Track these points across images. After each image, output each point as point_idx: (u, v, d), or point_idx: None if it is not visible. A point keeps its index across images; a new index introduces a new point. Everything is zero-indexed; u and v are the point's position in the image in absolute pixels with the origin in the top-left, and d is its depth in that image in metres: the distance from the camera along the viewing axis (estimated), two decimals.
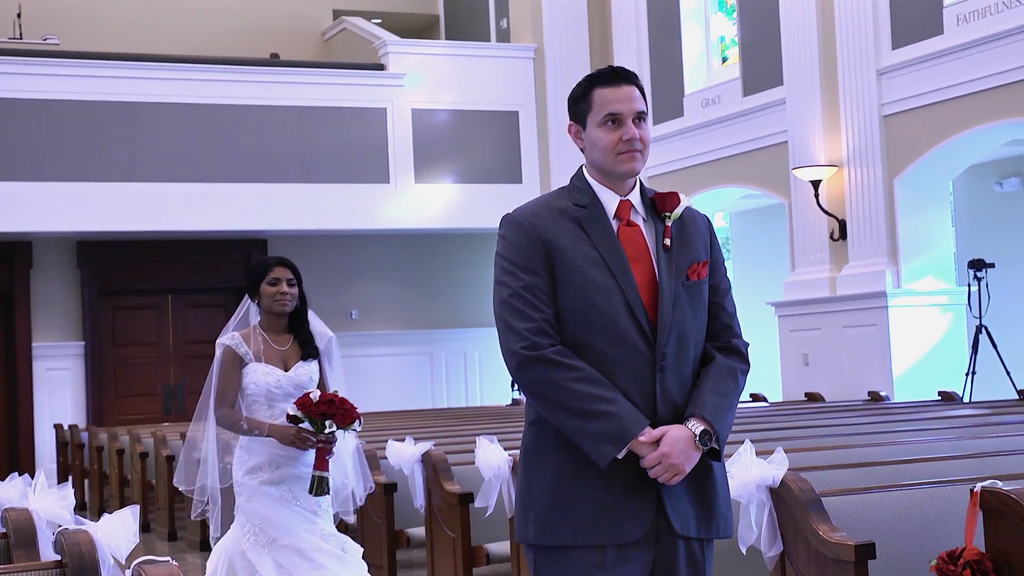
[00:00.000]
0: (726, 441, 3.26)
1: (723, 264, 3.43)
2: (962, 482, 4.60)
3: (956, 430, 7.41)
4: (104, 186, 14.12)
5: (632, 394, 3.18)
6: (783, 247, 13.57)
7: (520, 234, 3.25)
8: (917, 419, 8.41)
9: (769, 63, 13.39)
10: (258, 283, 5.69)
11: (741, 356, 3.35)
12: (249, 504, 5.52)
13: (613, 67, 3.31)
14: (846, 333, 12.18)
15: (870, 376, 11.81)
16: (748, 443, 4.58)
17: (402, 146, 15.26)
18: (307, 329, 5.75)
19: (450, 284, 17.00)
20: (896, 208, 11.88)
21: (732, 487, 4.38)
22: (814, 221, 12.59)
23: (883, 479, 5.09)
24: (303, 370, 5.64)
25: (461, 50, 16.19)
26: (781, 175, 13.17)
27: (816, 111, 12.59)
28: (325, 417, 5.40)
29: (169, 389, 16.15)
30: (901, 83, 11.83)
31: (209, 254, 16.01)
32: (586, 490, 3.17)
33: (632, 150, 3.25)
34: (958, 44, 11.27)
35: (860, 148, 12.13)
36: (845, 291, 12.19)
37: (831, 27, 12.49)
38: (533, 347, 3.16)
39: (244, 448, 5.61)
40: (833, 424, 8.26)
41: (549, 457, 3.23)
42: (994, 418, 8.23)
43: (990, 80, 11.02)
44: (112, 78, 14.31)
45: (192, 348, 16.21)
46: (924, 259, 11.92)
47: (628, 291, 3.21)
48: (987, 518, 3.84)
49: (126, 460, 11.94)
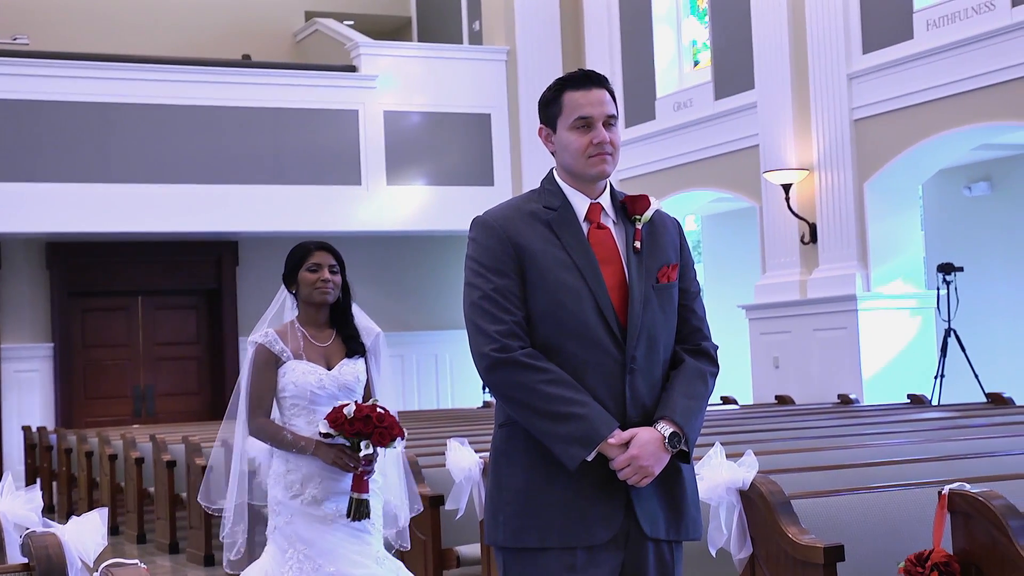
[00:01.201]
0: (695, 443, 3.26)
1: (693, 267, 3.44)
2: (930, 485, 4.62)
3: (925, 433, 7.45)
4: (74, 187, 14.03)
5: (602, 396, 3.19)
6: (754, 250, 13.60)
7: (491, 237, 3.26)
8: (886, 422, 8.44)
9: (740, 67, 13.42)
10: (296, 270, 4.99)
11: (711, 359, 3.36)
12: (290, 527, 4.84)
13: (584, 70, 3.32)
14: (816, 336, 12.22)
15: (840, 379, 11.85)
16: (718, 445, 4.59)
17: (374, 148, 15.24)
18: (351, 323, 5.06)
19: (422, 286, 16.99)
20: (866, 212, 11.93)
21: (702, 489, 4.38)
22: (785, 224, 12.63)
23: (852, 482, 5.11)
24: (349, 369, 4.97)
25: (433, 52, 16.17)
26: (752, 178, 13.21)
27: (787, 115, 12.63)
28: (361, 437, 4.71)
29: (139, 391, 16.07)
30: (871, 87, 11.89)
31: (180, 256, 15.94)
32: (556, 492, 3.18)
33: (602, 153, 3.26)
34: (928, 49, 11.33)
35: (831, 152, 12.17)
36: (815, 294, 12.23)
37: (802, 32, 12.53)
38: (503, 349, 3.17)
39: (283, 460, 4.89)
40: (803, 427, 8.28)
41: (519, 459, 3.23)
42: (962, 421, 8.27)
43: (960, 85, 11.08)
44: (83, 78, 14.24)
45: (162, 350, 16.15)
46: (894, 263, 11.97)
47: (598, 294, 3.22)
48: (955, 520, 3.86)
49: (95, 462, 11.89)
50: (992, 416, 8.59)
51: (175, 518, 10.03)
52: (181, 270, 16.02)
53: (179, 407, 16.11)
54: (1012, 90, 10.71)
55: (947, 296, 11.53)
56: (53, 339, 15.53)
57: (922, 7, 11.50)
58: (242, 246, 16.12)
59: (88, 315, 15.90)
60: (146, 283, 15.99)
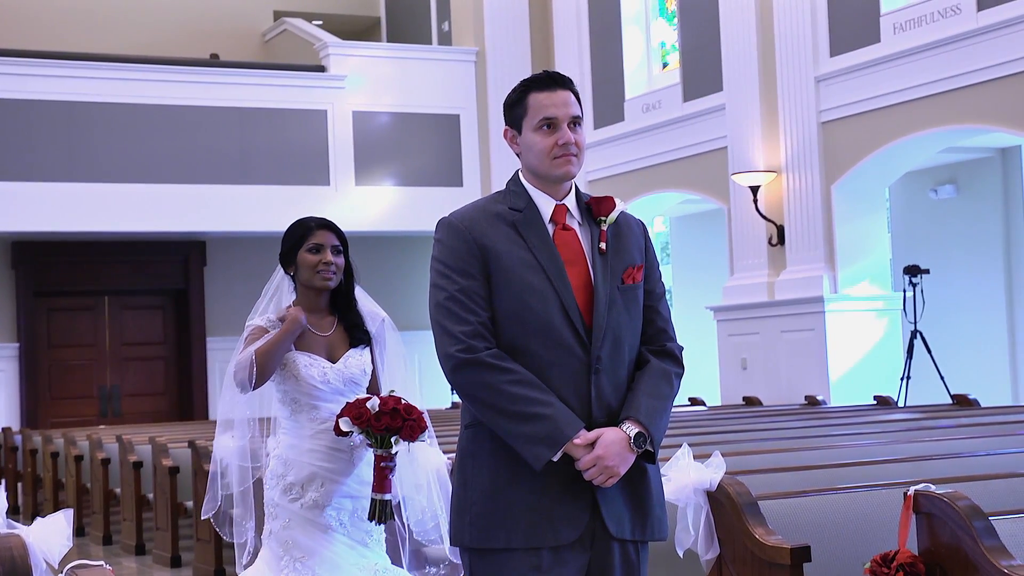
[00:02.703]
0: (660, 444, 3.27)
1: (658, 269, 3.45)
2: (896, 485, 4.64)
3: (891, 434, 7.48)
4: (40, 186, 13.94)
5: (567, 397, 3.20)
6: (722, 252, 13.64)
7: (456, 238, 3.26)
8: (853, 423, 8.48)
9: (709, 69, 13.46)
10: (294, 251, 4.59)
11: (676, 359, 3.37)
12: (287, 531, 4.49)
13: (548, 72, 3.34)
14: (784, 338, 12.26)
15: (807, 380, 11.90)
16: (686, 447, 4.60)
17: (342, 148, 15.20)
18: (355, 310, 4.66)
19: (390, 287, 16.93)
20: (833, 214, 11.98)
21: (669, 490, 4.40)
22: (753, 226, 12.67)
23: (819, 483, 5.13)
24: (355, 360, 4.58)
25: (402, 52, 16.15)
26: (720, 180, 13.25)
27: (755, 117, 12.67)
28: (391, 432, 4.31)
29: (105, 391, 15.98)
30: (839, 90, 11.94)
31: (147, 255, 15.86)
32: (521, 493, 3.18)
33: (567, 154, 3.27)
34: (895, 52, 11.38)
35: (798, 154, 12.22)
36: (783, 296, 12.27)
37: (770, 34, 12.58)
38: (468, 350, 3.17)
39: (281, 460, 4.54)
40: (770, 428, 8.30)
41: (485, 460, 3.23)
42: (928, 422, 8.32)
43: (926, 88, 11.14)
44: (49, 77, 14.15)
45: (129, 350, 16.07)
46: (860, 264, 12.02)
47: (563, 295, 3.23)
48: (920, 521, 3.88)
49: (60, 463, 11.81)
50: (957, 417, 8.64)
51: (142, 519, 9.98)
52: (148, 270, 15.95)
53: (146, 408, 16.03)
54: (978, 94, 10.78)
55: (913, 298, 11.59)
56: (19, 339, 15.43)
57: (889, 10, 11.56)
58: (210, 246, 16.06)
59: (54, 315, 15.81)
60: (113, 283, 15.90)
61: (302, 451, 4.50)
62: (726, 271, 13.32)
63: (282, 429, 4.62)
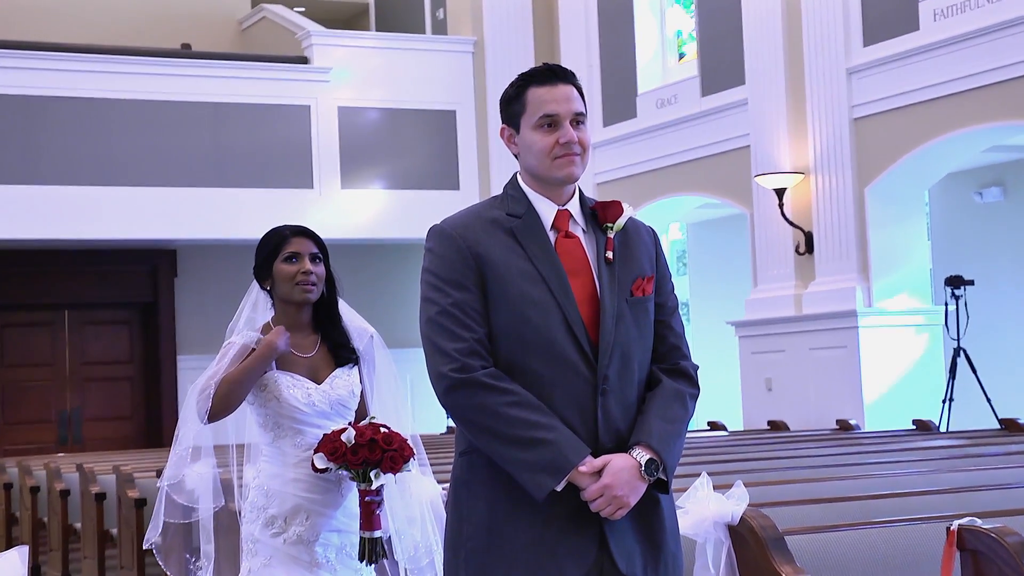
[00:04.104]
0: (674, 471, 3.28)
1: (670, 280, 3.47)
2: (938, 520, 4.65)
3: (932, 462, 7.47)
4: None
5: (571, 420, 3.20)
6: (744, 261, 13.64)
7: (449, 247, 3.27)
8: (889, 450, 8.48)
9: (730, 60, 13.46)
10: (269, 262, 4.56)
11: (690, 379, 3.38)
12: (267, 570, 4.41)
13: (548, 65, 3.35)
14: (813, 356, 12.24)
15: (839, 403, 11.88)
16: (705, 476, 4.60)
17: (327, 148, 15.22)
18: (340, 327, 4.62)
19: (379, 300, 16.93)
20: (867, 219, 11.97)
21: (687, 524, 4.41)
22: (778, 233, 12.67)
23: (852, 516, 5.13)
24: (342, 381, 4.53)
25: (393, 43, 16.17)
26: (742, 182, 13.24)
27: (780, 113, 12.67)
28: (369, 466, 4.27)
29: (65, 416, 15.97)
30: (873, 83, 11.93)
31: (111, 265, 15.87)
32: (522, 526, 3.19)
33: (570, 154, 3.28)
34: (935, 41, 11.38)
35: (828, 154, 12.22)
36: (812, 310, 12.26)
37: (797, 22, 12.58)
38: (463, 369, 3.18)
39: (262, 491, 4.47)
40: (798, 455, 8.30)
41: (481, 490, 3.24)
42: (973, 449, 8.30)
43: (970, 81, 11.13)
44: (2, 68, 14.15)
45: (91, 370, 16.06)
46: (897, 275, 12.01)
47: (567, 308, 3.23)
48: (965, 559, 3.87)
49: (15, 495, 11.81)
50: (1006, 444, 8.63)
51: (104, 557, 9.95)
52: (112, 281, 15.95)
53: (109, 433, 16.02)
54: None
55: (956, 312, 11.58)
56: None
57: None
58: (181, 255, 16.06)
59: (8, 331, 15.81)
60: (73, 296, 15.91)
61: (286, 480, 4.44)
62: (748, 282, 13.31)
63: (263, 456, 4.57)
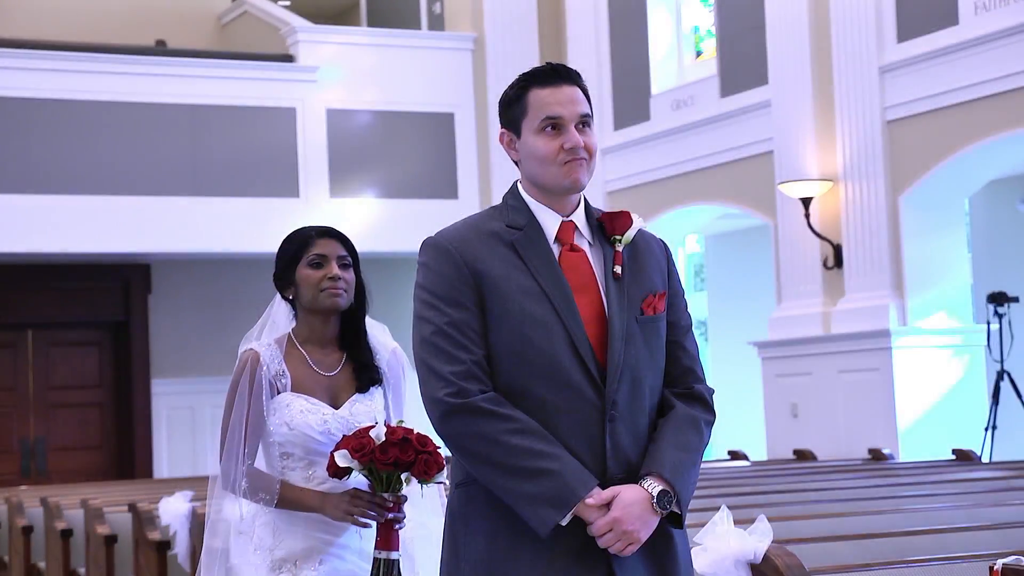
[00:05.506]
0: (689, 504, 3.29)
1: (683, 297, 3.47)
2: (979, 558, 4.67)
3: (973, 495, 7.48)
4: None
5: (578, 449, 3.21)
6: (767, 277, 13.65)
7: (444, 261, 3.28)
8: (926, 482, 8.48)
9: (752, 58, 13.48)
10: (291, 267, 4.46)
11: (705, 404, 3.39)
12: None
13: (552, 64, 3.37)
14: (842, 379, 12.24)
15: (871, 430, 11.87)
16: (725, 510, 4.60)
17: (314, 153, 15.24)
18: (366, 345, 4.54)
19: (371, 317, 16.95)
20: (901, 231, 11.98)
21: (706, 562, 4.41)
22: (804, 246, 12.67)
23: (885, 554, 5.14)
24: (362, 407, 4.41)
25: (386, 39, 16.21)
26: (765, 191, 13.25)
27: (807, 115, 12.68)
28: (400, 468, 4.12)
29: (27, 445, 15.97)
30: (908, 82, 11.95)
31: (79, 281, 15.88)
32: (524, 563, 3.19)
33: (576, 159, 3.29)
34: (976, 36, 11.39)
35: (859, 159, 12.22)
36: (841, 329, 12.26)
37: (825, 16, 12.60)
38: (460, 394, 3.19)
39: (270, 529, 4.37)
40: (827, 487, 8.30)
41: (480, 524, 3.25)
42: (1018, 482, 8.30)
43: (1014, 80, 11.13)
44: None
45: (57, 395, 16.06)
46: (935, 292, 12.01)
47: (572, 327, 3.24)
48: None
49: None
50: None
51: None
52: (80, 299, 15.96)
53: (76, 464, 16.01)
54: None
55: (999, 331, 11.58)
56: None
57: None
58: (155, 270, 16.07)
59: None
60: (37, 315, 15.92)
61: (296, 518, 4.34)
62: (772, 300, 13.32)
63: None
